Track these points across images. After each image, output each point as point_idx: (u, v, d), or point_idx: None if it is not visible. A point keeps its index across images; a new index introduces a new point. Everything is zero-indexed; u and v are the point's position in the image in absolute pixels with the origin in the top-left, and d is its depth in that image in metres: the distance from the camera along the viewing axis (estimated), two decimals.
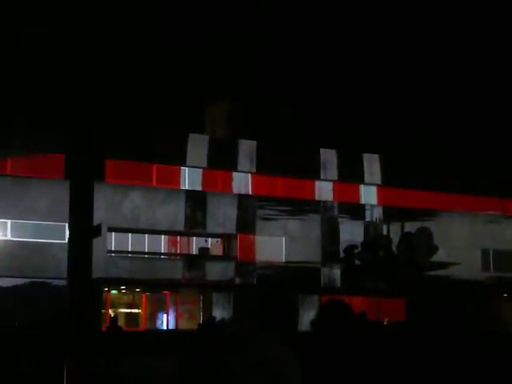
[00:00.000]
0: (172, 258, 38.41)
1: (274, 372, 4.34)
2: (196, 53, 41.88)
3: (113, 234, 36.22)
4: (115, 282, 35.94)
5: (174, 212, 36.91)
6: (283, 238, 39.26)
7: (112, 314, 32.56)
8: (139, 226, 36.48)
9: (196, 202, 37.42)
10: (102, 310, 35.10)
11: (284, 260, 39.09)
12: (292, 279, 37.73)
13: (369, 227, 41.63)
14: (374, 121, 43.44)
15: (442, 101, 45.00)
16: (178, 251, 38.91)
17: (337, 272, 40.11)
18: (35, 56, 36.60)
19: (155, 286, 36.92)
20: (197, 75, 41.20)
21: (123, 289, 37.70)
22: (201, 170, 37.88)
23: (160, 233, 37.58)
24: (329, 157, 41.10)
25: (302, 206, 39.90)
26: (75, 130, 12.49)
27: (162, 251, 38.34)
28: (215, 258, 38.67)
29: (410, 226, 42.64)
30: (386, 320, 33.44)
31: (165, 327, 37.72)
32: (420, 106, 45.05)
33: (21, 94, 35.42)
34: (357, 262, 40.75)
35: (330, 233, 40.46)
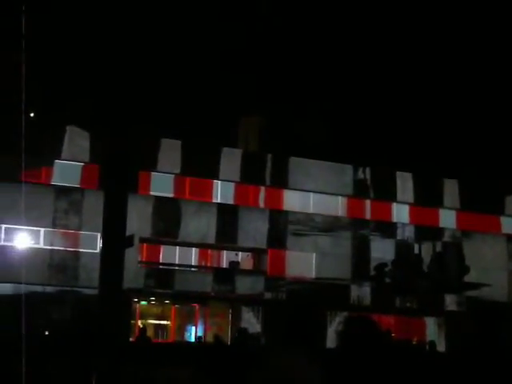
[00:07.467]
0: (202, 270, 38.52)
1: None
2: (230, 67, 42.13)
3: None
4: (145, 293, 36.14)
5: (206, 225, 37.03)
6: (314, 254, 39.17)
7: (141, 325, 32.76)
8: (170, 238, 36.73)
9: (227, 215, 37.50)
10: (132, 321, 35.32)
11: (314, 276, 38.98)
12: (321, 295, 37.61)
13: (400, 245, 41.41)
14: (408, 138, 43.31)
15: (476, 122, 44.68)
16: (209, 264, 39.06)
17: (366, 289, 39.90)
18: (72, 66, 37.08)
19: (184, 299, 37.06)
20: (231, 89, 41.42)
21: (152, 300, 37.87)
22: (233, 183, 38.00)
23: (191, 245, 37.75)
24: (362, 173, 41.01)
25: (334, 223, 39.83)
26: (110, 141, 12.64)
27: (193, 264, 38.50)
28: (245, 272, 38.70)
29: (442, 246, 42.37)
30: (416, 339, 33.23)
31: (193, 339, 37.80)
32: (455, 126, 44.83)
33: (57, 103, 35.89)
34: (387, 280, 40.54)
35: (361, 250, 40.30)
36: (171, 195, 36.75)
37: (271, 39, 42.35)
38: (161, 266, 37.53)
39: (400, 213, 41.80)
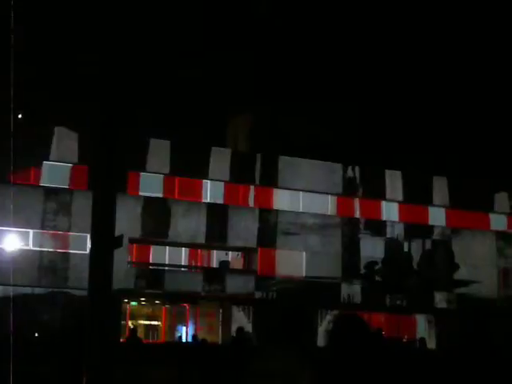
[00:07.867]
0: (192, 270, 38.47)
1: None
2: (219, 65, 42.06)
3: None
4: (135, 294, 36.05)
5: (196, 225, 36.97)
6: (303, 253, 39.18)
7: (132, 326, 32.68)
8: (160, 238, 36.64)
9: (217, 215, 37.45)
10: (122, 322, 35.22)
11: (304, 275, 38.99)
12: (312, 294, 37.62)
13: (390, 244, 41.45)
14: (397, 136, 43.39)
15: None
16: (199, 264, 39.02)
17: (357, 288, 39.94)
18: (61, 66, 36.96)
19: (175, 299, 36.99)
20: (220, 88, 41.36)
21: (143, 301, 37.79)
22: (222, 183, 37.96)
23: (181, 245, 37.67)
24: (351, 172, 41.05)
25: (324, 221, 39.83)
26: (98, 141, 12.57)
27: (183, 264, 38.45)
28: (235, 271, 38.67)
29: (432, 243, 42.46)
30: (406, 337, 33.28)
31: (184, 340, 37.76)
32: (447, 126, 44.95)
33: (47, 102, 35.74)
34: (377, 278, 40.58)
35: (351, 248, 40.32)
36: (161, 195, 36.69)
37: (266, 38, 42.30)
38: (151, 267, 37.47)
39: (390, 211, 41.86)
